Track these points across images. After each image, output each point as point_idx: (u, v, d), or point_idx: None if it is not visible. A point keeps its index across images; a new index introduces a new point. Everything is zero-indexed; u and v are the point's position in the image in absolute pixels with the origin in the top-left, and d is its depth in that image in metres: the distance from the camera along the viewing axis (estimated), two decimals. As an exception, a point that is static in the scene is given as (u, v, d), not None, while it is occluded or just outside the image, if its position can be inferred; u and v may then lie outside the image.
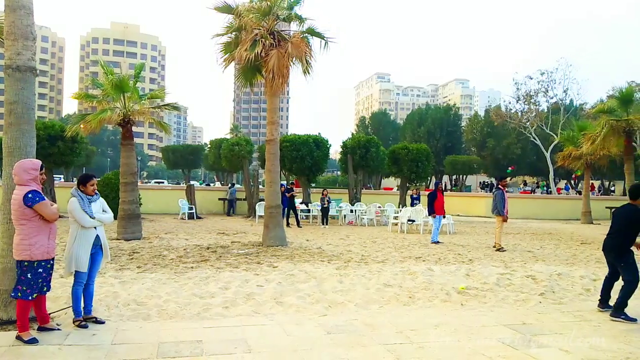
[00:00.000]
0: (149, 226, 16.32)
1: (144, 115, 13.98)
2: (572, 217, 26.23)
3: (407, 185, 24.20)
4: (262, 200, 17.09)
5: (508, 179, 57.77)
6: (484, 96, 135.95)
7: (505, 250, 11.99)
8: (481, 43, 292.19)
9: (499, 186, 12.70)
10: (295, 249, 11.53)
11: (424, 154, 23.54)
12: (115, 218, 9.00)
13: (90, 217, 5.18)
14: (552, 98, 40.07)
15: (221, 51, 12.79)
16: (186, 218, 20.63)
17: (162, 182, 57.94)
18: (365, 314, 6.03)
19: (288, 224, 17.39)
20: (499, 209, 12.21)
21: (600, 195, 38.22)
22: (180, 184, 52.70)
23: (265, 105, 13.12)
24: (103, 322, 5.31)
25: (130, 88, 13.43)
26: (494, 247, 12.33)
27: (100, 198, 5.51)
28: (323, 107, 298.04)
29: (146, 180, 71.18)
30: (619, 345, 4.91)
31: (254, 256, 10.14)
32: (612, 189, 46.83)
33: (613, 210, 6.79)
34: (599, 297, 6.44)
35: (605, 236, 6.32)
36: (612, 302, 6.17)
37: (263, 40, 11.77)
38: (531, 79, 39.65)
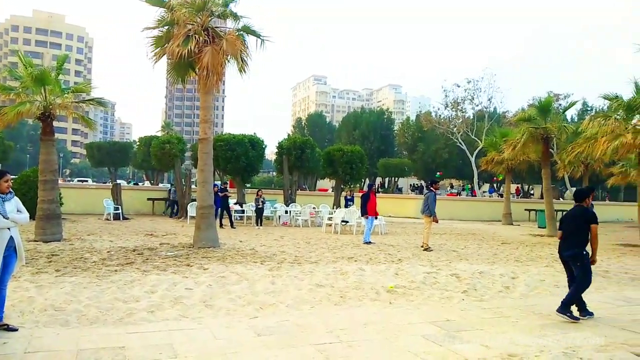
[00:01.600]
0: (70, 227, 15.38)
1: (66, 110, 13.14)
2: (494, 218, 27.79)
3: (342, 186, 24.55)
4: (195, 200, 16.65)
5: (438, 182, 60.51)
6: (415, 102, 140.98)
7: (432, 250, 12.47)
8: (414, 50, 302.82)
9: (431, 188, 13.17)
10: (227, 250, 11.32)
11: (358, 156, 23.99)
12: (32, 218, 8.41)
13: (3, 217, 4.80)
14: (477, 106, 42.25)
15: (152, 45, 12.31)
16: (111, 219, 19.66)
17: (86, 181, 54.83)
18: (297, 315, 6.03)
19: (221, 225, 17.07)
20: (431, 210, 12.65)
21: (520, 198, 40.79)
22: (106, 182, 50.18)
23: (200, 103, 12.79)
24: (16, 330, 4.93)
25: (52, 81, 12.59)
26: (422, 247, 12.79)
27: (15, 197, 5.12)
28: (260, 107, 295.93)
29: (69, 179, 67.13)
30: (534, 340, 5.24)
31: (184, 258, 9.84)
32: (532, 192, 50.16)
33: (562, 215, 7.13)
34: (578, 309, 6.21)
35: (560, 241, 6.47)
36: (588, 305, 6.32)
37: (197, 36, 11.47)
38: (459, 86, 41.59)
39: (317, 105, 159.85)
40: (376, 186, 15.30)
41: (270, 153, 57.30)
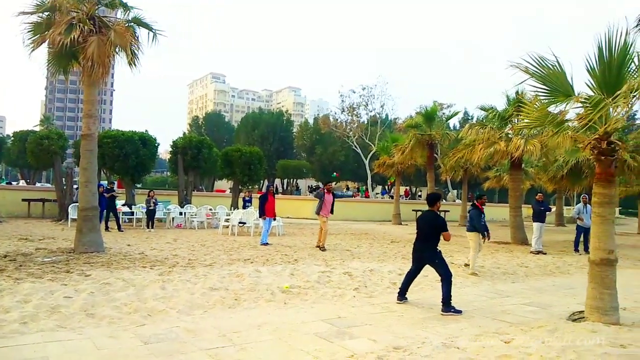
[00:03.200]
0: None
1: None
2: (386, 218, 29.22)
3: (240, 187, 24.25)
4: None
5: (333, 183, 62.43)
6: (314, 105, 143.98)
7: (326, 250, 12.79)
8: (313, 54, 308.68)
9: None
10: (113, 255, 10.60)
11: (256, 157, 23.88)
12: None
13: None
14: (371, 111, 44.24)
15: (29, 31, 11.15)
16: (-23, 222, 17.45)
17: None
18: (188, 320, 5.83)
19: (107, 228, 15.96)
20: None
21: (409, 199, 43.42)
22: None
23: (83, 96, 11.83)
24: None
25: None
26: (318, 246, 13.07)
27: None
28: (153, 104, 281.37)
29: None
30: (417, 332, 5.60)
31: (63, 264, 9.03)
32: (419, 194, 53.63)
33: (417, 216, 7.74)
34: (399, 290, 7.23)
35: (415, 240, 7.18)
36: (409, 296, 7.07)
37: (81, 25, 10.60)
38: (354, 92, 43.23)
39: (216, 104, 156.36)
40: (274, 187, 15.35)
41: (165, 152, 54.75)
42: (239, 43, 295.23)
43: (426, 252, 6.98)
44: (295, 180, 60.50)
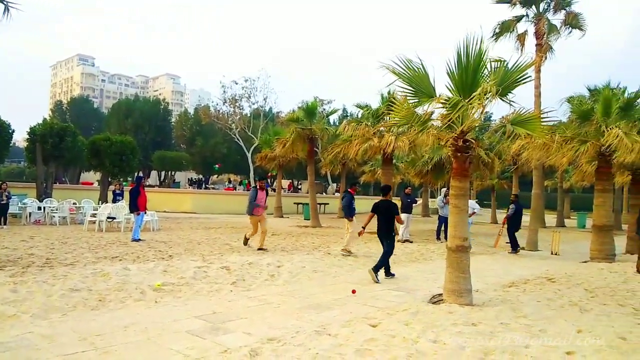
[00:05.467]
0: None
1: None
2: (268, 211, 29.25)
3: (110, 180, 22.54)
4: None
5: (215, 176, 60.99)
6: (194, 95, 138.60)
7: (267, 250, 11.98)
8: (195, 42, 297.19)
9: (258, 186, 12.40)
10: (-48, 256, 9.21)
11: (129, 147, 22.38)
12: None
13: None
14: (254, 104, 43.88)
15: None
16: None
17: None
18: (44, 325, 5.28)
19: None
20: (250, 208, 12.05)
21: (291, 192, 44.04)
22: None
23: None
24: None
25: None
26: (260, 248, 12.03)
27: None
28: (8, 85, 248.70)
29: None
30: (292, 322, 5.69)
31: None
32: (300, 187, 54.65)
33: (374, 204, 9.32)
34: (384, 270, 8.83)
35: (378, 226, 8.92)
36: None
37: None
38: (237, 83, 42.47)
39: (83, 88, 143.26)
40: (145, 179, 14.31)
41: (22, 140, 48.85)
42: (111, 23, 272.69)
43: (383, 231, 8.83)
44: (173, 172, 57.94)
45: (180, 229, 16.90)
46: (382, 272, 8.77)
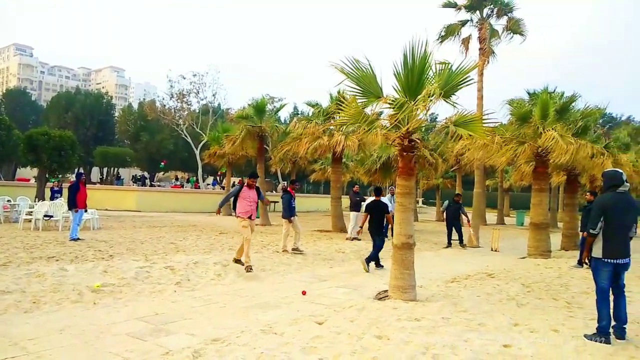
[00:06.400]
0: None
1: None
2: (214, 209, 28.84)
3: (47, 176, 21.37)
4: None
5: (161, 173, 59.18)
6: (140, 89, 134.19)
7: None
8: (140, 33, 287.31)
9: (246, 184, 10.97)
10: None
11: (68, 142, 21.28)
12: None
13: None
14: (202, 100, 42.97)
15: None
16: None
17: None
18: (-32, 331, 4.93)
19: None
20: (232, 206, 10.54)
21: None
22: None
23: None
24: None
25: None
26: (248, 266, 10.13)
27: None
28: None
29: None
30: (237, 322, 5.62)
31: None
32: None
33: (366, 205, 10.22)
34: (375, 263, 9.81)
35: (369, 223, 9.62)
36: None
37: None
38: (184, 78, 41.42)
39: (20, 79, 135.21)
40: (84, 176, 13.61)
41: (-52, 132, 45.42)
42: (50, 12, 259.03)
43: (374, 228, 9.60)
44: (116, 169, 55.79)
45: (122, 228, 16.31)
46: (373, 265, 9.86)
